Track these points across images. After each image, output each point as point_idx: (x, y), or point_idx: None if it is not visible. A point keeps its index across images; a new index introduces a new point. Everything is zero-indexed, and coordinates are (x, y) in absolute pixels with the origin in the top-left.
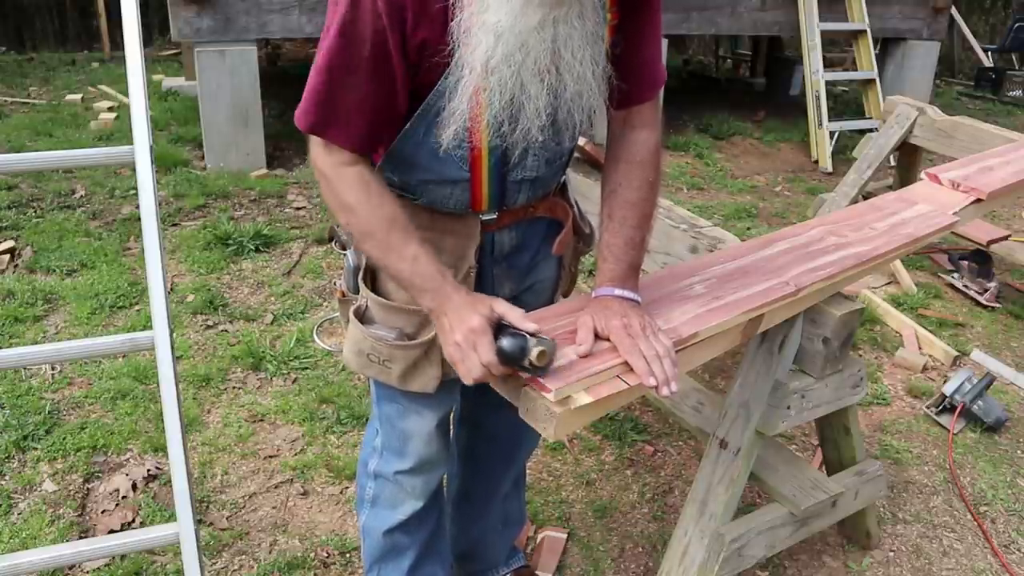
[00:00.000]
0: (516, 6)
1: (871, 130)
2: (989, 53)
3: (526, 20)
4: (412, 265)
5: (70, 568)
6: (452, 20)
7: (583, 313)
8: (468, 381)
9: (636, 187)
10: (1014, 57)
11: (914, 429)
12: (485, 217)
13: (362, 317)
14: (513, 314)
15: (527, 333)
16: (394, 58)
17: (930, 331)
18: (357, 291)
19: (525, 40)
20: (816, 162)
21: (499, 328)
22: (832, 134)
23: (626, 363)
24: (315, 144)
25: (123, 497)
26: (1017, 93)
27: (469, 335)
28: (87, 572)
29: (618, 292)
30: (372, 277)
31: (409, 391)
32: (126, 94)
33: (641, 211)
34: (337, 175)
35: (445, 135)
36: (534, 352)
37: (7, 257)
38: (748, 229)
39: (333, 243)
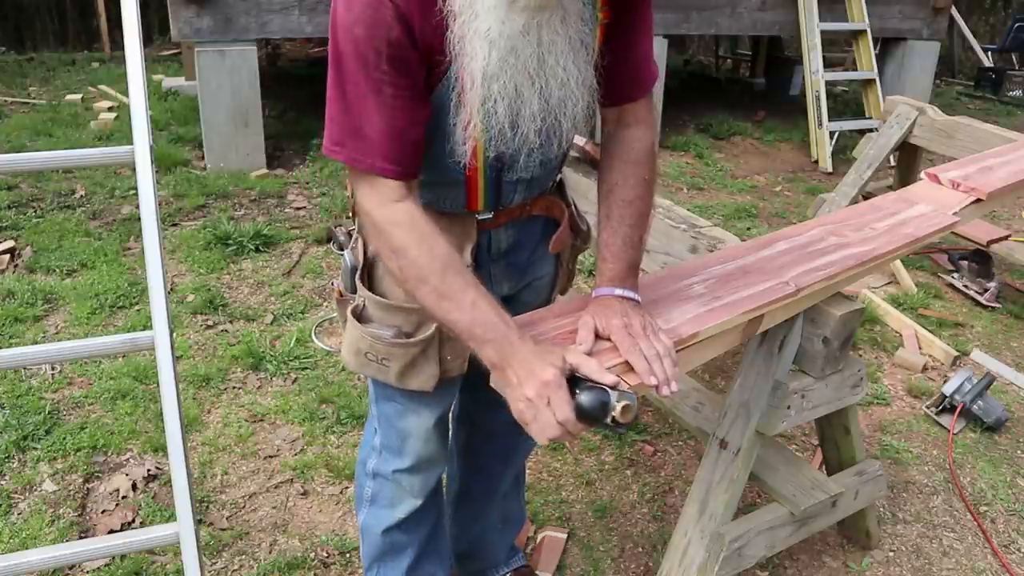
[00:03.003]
0: (502, 12)
1: (871, 130)
2: (989, 53)
3: (512, 25)
4: (472, 313)
5: (70, 568)
6: (447, 30)
7: (583, 313)
8: (542, 441)
9: (632, 186)
10: (1014, 57)
11: (914, 429)
12: (481, 216)
13: (360, 316)
14: (589, 365)
15: (607, 386)
16: (413, 66)
17: (930, 331)
18: (355, 291)
19: (514, 45)
20: (816, 162)
21: (572, 381)
22: (832, 134)
23: (626, 363)
24: (359, 184)
25: (123, 497)
26: (1017, 93)
27: (542, 390)
28: (87, 572)
29: (618, 292)
30: (369, 276)
31: (407, 390)
32: (126, 94)
33: (638, 209)
34: (386, 215)
35: (460, 150)
36: (618, 407)
37: (7, 257)
38: (748, 229)
39: (331, 244)
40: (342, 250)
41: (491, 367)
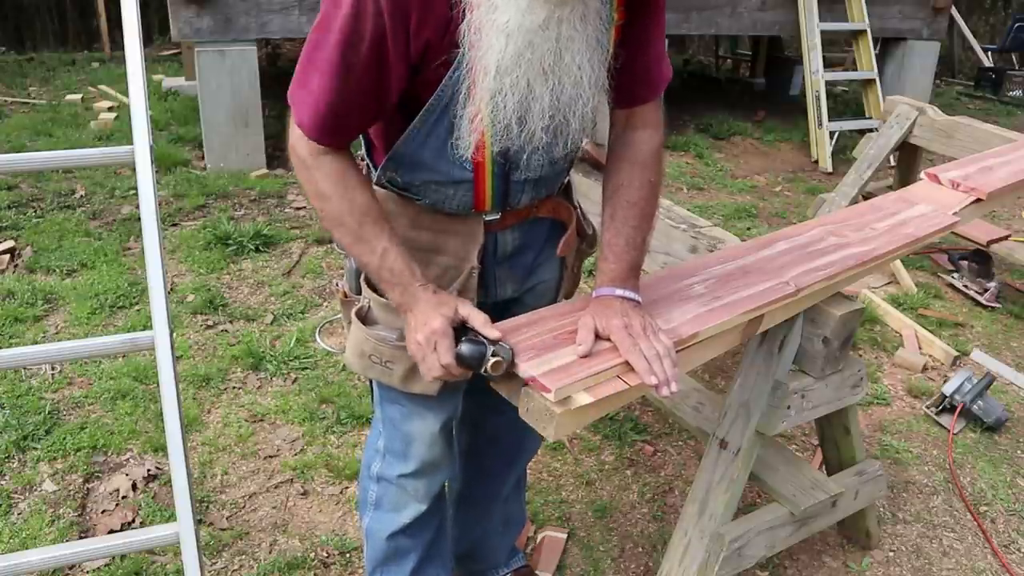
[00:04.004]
0: (523, 4)
1: (871, 130)
2: (989, 53)
3: (532, 18)
4: (381, 259)
5: (70, 568)
6: (461, 22)
7: (584, 313)
8: (427, 379)
9: (638, 187)
10: (1014, 57)
11: (914, 429)
12: (488, 217)
13: (364, 318)
14: (477, 319)
15: (488, 340)
16: (391, 59)
17: (930, 331)
18: (359, 292)
19: (532, 39)
20: (816, 162)
21: (462, 331)
22: (832, 134)
23: (626, 363)
24: (296, 129)
25: (123, 497)
26: (1017, 93)
27: (431, 336)
28: (87, 572)
29: (619, 292)
30: None
31: (412, 393)
32: (126, 94)
33: (642, 211)
34: (316, 163)
35: (464, 142)
36: (490, 362)
37: (7, 257)
38: (748, 229)
39: (335, 244)
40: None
41: (396, 308)
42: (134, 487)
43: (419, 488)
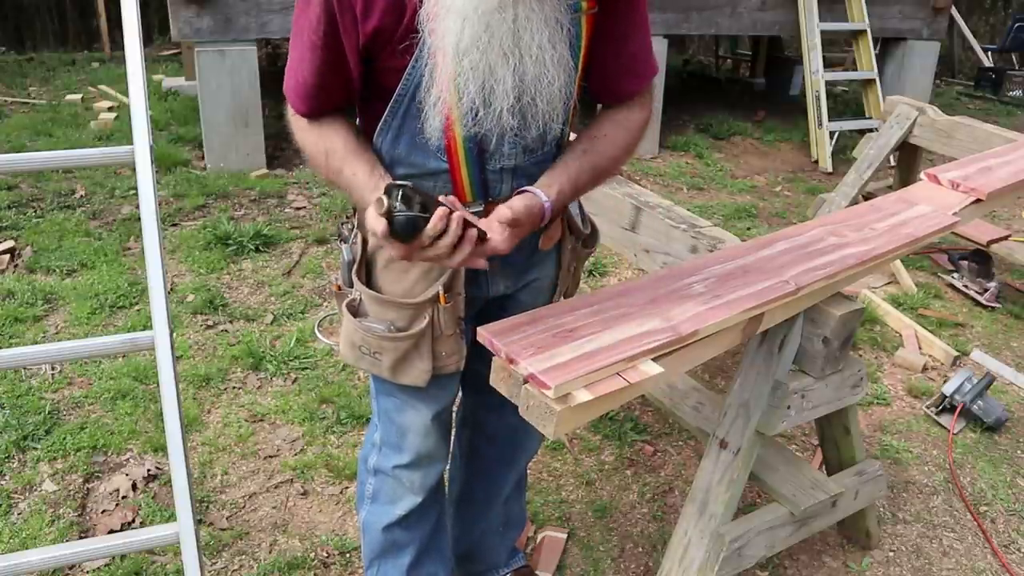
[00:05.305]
0: None
1: (871, 130)
2: (989, 53)
3: (487, 2)
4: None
5: (70, 568)
6: (420, 7)
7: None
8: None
9: (619, 145)
10: (1014, 57)
11: (914, 429)
12: (472, 210)
13: (356, 311)
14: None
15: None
16: (343, 40)
17: (930, 331)
18: (352, 285)
19: (488, 21)
20: (816, 162)
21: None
22: (832, 134)
23: (626, 360)
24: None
25: (123, 497)
26: (1017, 93)
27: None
28: (87, 572)
29: (543, 198)
30: (366, 271)
31: (403, 384)
32: (126, 94)
33: (609, 158)
34: (294, 120)
35: (430, 126)
36: (396, 218)
37: (7, 257)
38: (748, 229)
39: (338, 237)
40: (344, 242)
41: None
42: (134, 487)
43: (415, 480)
